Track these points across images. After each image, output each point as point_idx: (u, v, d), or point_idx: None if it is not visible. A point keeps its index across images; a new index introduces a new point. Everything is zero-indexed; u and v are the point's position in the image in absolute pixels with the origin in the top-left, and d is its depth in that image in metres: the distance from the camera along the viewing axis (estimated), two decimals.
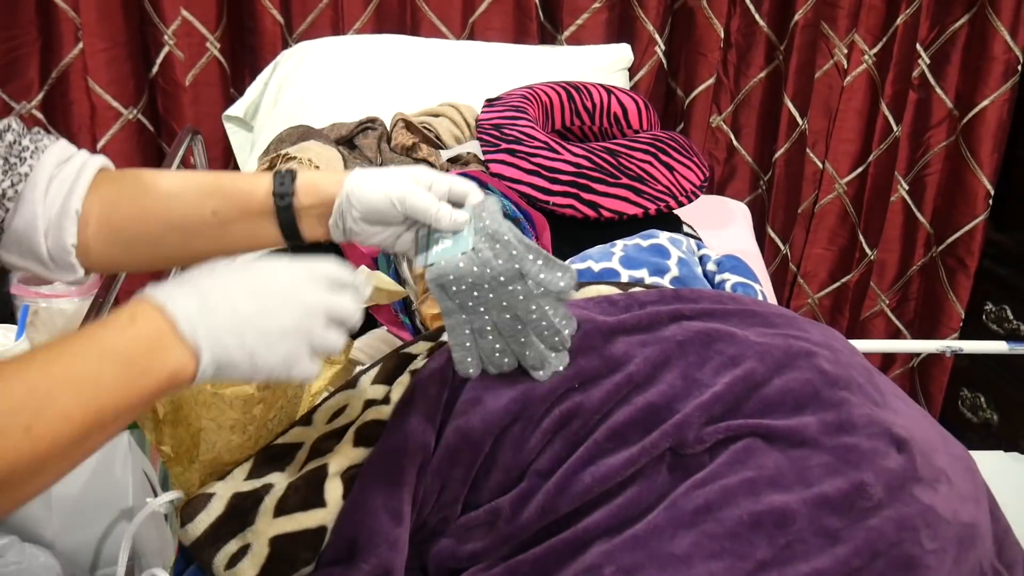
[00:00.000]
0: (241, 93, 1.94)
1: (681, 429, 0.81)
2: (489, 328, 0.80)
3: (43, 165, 0.77)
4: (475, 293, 0.77)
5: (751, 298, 1.01)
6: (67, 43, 1.89)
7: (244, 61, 2.02)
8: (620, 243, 1.15)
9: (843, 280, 2.20)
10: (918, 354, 2.28)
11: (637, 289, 0.99)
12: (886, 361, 2.31)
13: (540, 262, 0.79)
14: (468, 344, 0.80)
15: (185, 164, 1.97)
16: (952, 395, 2.24)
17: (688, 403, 0.83)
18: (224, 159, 2.01)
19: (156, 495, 0.77)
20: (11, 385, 0.53)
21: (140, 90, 1.95)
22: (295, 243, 0.81)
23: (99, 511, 0.80)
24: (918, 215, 2.19)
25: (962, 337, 2.17)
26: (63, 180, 0.77)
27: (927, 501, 0.79)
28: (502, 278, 0.77)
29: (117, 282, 1.22)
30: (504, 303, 0.78)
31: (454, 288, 0.77)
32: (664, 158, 1.34)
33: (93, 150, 1.96)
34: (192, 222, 0.80)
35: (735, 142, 2.15)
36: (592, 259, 1.13)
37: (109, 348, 0.57)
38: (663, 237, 1.16)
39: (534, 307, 0.79)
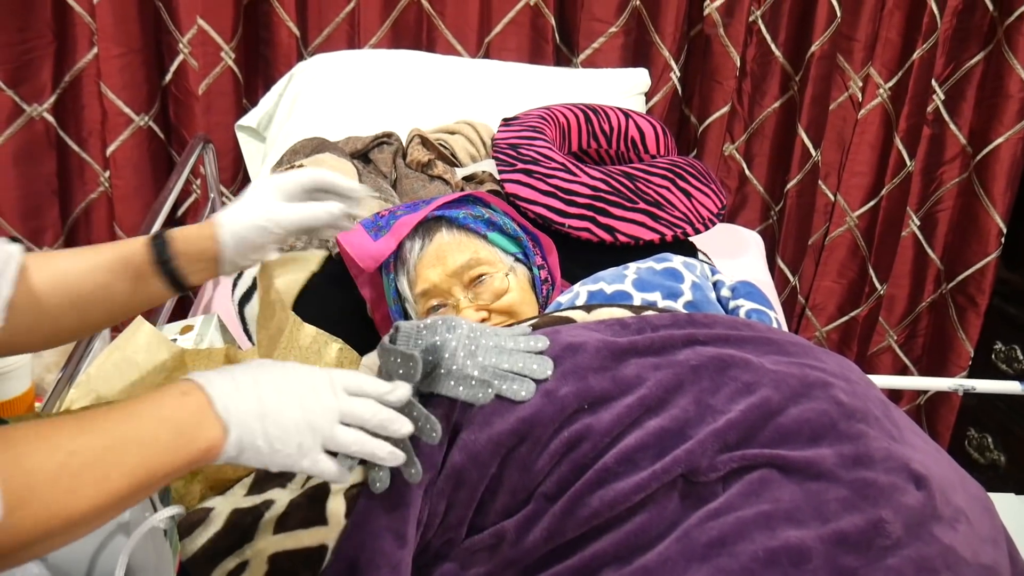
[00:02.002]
0: (254, 104, 1.93)
1: (693, 455, 0.79)
2: None
3: None
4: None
5: (766, 325, 0.99)
6: (82, 47, 1.89)
7: (258, 72, 2.02)
8: (633, 266, 1.13)
9: (852, 314, 2.18)
10: (925, 391, 2.25)
11: (650, 312, 0.97)
12: (892, 397, 2.28)
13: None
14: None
15: (195, 173, 1.97)
16: (959, 434, 2.21)
17: (701, 429, 0.81)
18: (234, 169, 2.01)
19: (155, 510, 0.75)
20: (91, 439, 0.61)
21: (152, 97, 1.94)
22: (184, 293, 0.91)
23: None
24: (929, 251, 2.17)
25: (971, 376, 2.14)
26: None
27: (947, 541, 0.77)
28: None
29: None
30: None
31: None
32: (682, 184, 1.32)
33: (103, 155, 1.97)
34: (87, 298, 0.87)
35: (747, 171, 2.14)
36: (604, 281, 1.11)
37: (167, 415, 0.65)
38: (677, 261, 1.14)
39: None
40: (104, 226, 2.02)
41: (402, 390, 0.77)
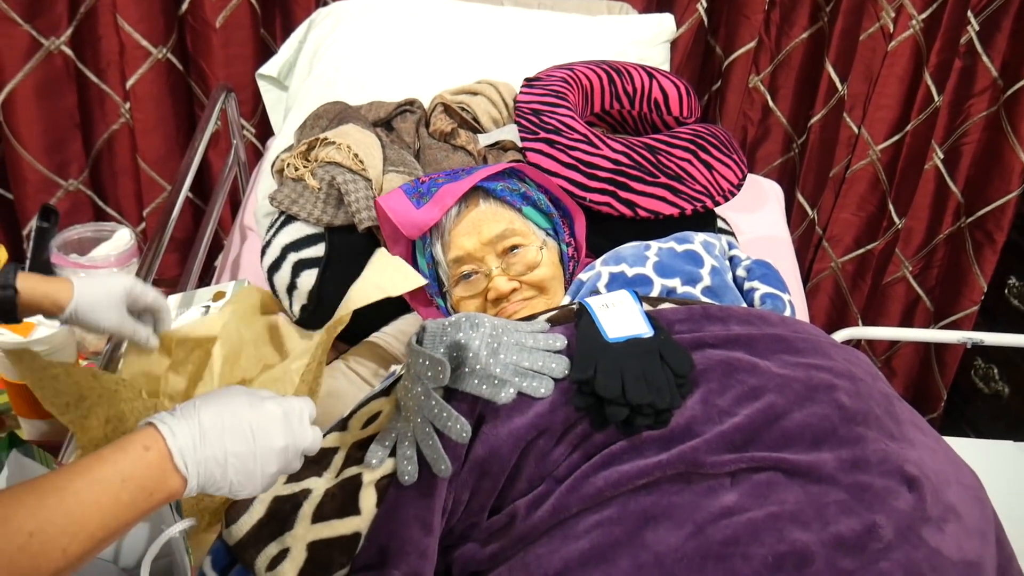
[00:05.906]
0: (272, 36, 1.90)
1: (699, 453, 0.84)
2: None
3: None
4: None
5: (779, 316, 1.02)
6: None
7: (275, 4, 1.97)
8: (655, 246, 1.15)
9: (868, 247, 2.19)
10: (936, 321, 2.29)
11: (666, 306, 1.01)
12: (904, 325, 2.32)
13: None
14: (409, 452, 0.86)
15: (223, 122, 1.96)
16: (966, 364, 2.25)
17: (708, 428, 0.86)
18: (254, 102, 2.00)
19: (174, 521, 0.83)
20: (52, 514, 0.65)
21: (169, 29, 1.92)
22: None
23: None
24: (950, 184, 2.15)
25: (982, 311, 2.17)
26: None
27: (934, 544, 0.82)
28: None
29: (157, 257, 1.24)
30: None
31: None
32: (704, 156, 1.32)
33: (122, 87, 1.96)
34: None
35: (771, 103, 2.10)
36: (627, 263, 1.13)
37: (128, 474, 0.69)
38: (697, 242, 1.16)
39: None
40: (127, 157, 2.03)
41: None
